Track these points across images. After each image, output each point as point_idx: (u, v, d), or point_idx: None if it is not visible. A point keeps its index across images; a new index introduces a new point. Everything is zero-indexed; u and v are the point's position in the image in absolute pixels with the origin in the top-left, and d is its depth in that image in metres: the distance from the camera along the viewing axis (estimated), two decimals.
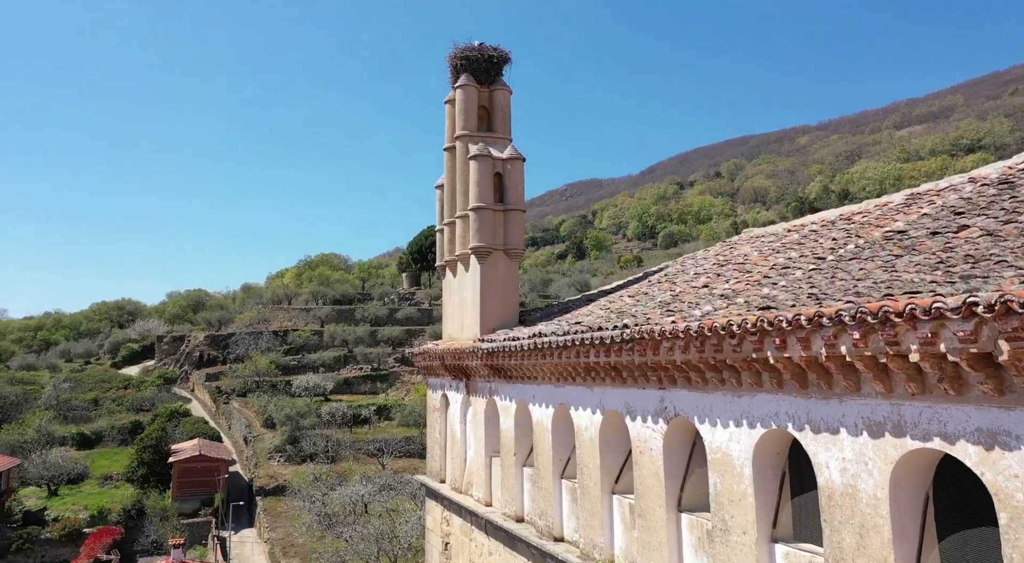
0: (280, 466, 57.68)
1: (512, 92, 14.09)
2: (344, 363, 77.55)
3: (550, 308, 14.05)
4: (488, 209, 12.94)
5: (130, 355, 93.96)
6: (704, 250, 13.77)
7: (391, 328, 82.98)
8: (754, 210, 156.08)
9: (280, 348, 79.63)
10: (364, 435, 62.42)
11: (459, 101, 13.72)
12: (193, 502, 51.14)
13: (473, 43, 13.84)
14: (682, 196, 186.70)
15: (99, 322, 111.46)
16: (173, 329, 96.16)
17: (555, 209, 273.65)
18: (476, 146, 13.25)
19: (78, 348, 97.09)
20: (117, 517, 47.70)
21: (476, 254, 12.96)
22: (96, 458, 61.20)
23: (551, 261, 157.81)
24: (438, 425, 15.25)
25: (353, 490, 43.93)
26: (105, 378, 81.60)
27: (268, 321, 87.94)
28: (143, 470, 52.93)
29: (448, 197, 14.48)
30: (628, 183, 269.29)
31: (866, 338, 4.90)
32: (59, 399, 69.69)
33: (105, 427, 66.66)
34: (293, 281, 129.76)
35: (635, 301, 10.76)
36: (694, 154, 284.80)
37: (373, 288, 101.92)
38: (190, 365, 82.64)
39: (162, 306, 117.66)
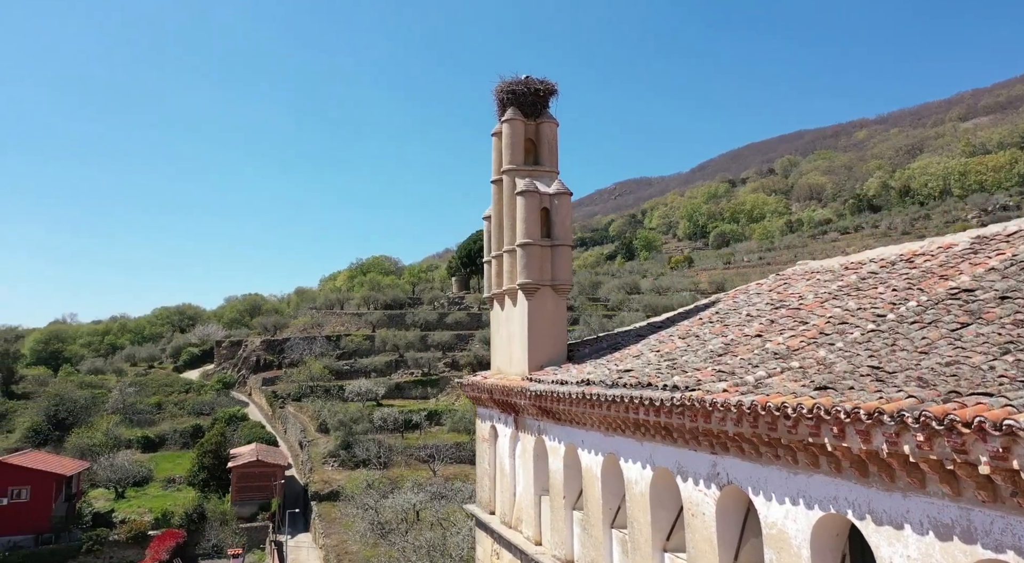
0: (334, 471, 58.76)
1: (558, 124, 14.01)
2: (395, 368, 78.52)
3: (599, 342, 13.90)
4: (535, 245, 12.89)
5: (191, 359, 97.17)
6: (757, 283, 13.44)
7: (441, 333, 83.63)
8: (809, 208, 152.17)
9: (333, 353, 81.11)
10: (415, 440, 63.09)
11: (505, 135, 13.71)
12: (251, 506, 52.51)
13: (519, 77, 13.81)
14: (734, 194, 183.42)
15: (161, 327, 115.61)
16: (231, 334, 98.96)
17: (604, 208, 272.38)
18: (523, 181, 13.21)
19: (142, 352, 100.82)
20: (180, 521, 49.25)
21: (524, 290, 12.92)
22: (160, 461, 63.41)
23: (600, 262, 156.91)
24: (487, 456, 15.26)
25: (405, 498, 44.44)
26: (167, 382, 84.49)
27: (321, 326, 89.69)
28: (203, 474, 54.56)
29: (495, 229, 14.47)
30: (678, 181, 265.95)
31: (931, 441, 4.67)
32: (125, 403, 72.45)
33: (168, 430, 69.02)
34: (345, 284, 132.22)
35: (686, 345, 10.55)
36: (746, 150, 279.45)
37: (423, 292, 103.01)
38: (247, 369, 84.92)
39: (220, 310, 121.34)
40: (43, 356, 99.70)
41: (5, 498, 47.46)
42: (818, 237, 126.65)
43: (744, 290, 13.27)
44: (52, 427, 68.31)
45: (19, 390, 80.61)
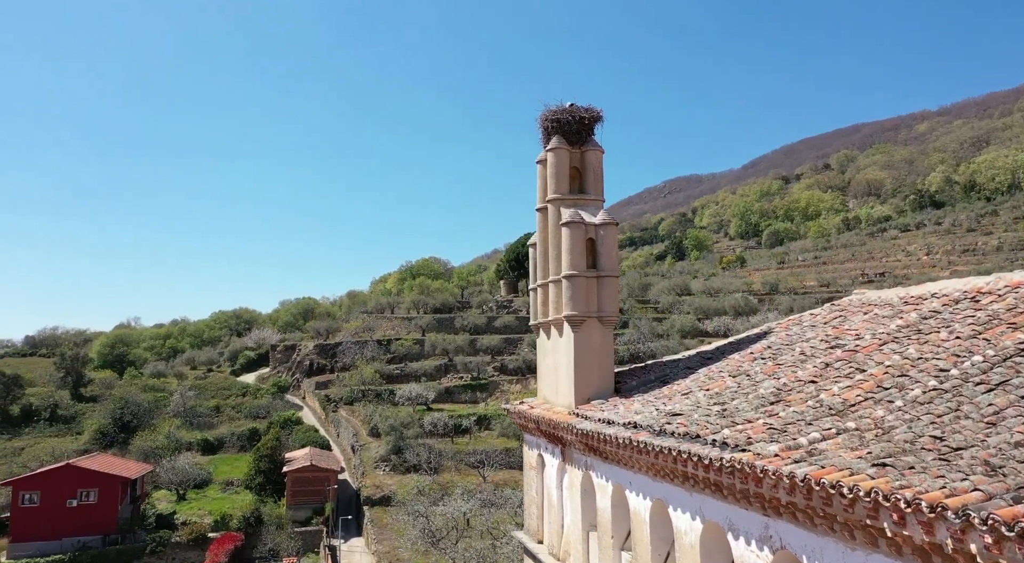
0: (385, 476, 59.53)
1: (604, 151, 13.83)
2: (444, 372, 79.14)
3: (647, 372, 13.66)
4: (581, 277, 12.74)
5: (247, 363, 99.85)
6: (811, 313, 13.01)
7: (490, 337, 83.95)
8: (867, 204, 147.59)
9: (384, 357, 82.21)
10: (465, 445, 63.46)
11: (550, 164, 13.59)
12: (305, 510, 53.63)
13: (564, 104, 13.68)
14: (787, 191, 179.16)
15: (219, 330, 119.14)
16: (285, 338, 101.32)
17: (653, 207, 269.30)
18: (568, 211, 13.07)
19: (201, 356, 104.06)
20: (238, 524, 50.63)
21: (570, 322, 12.79)
22: (219, 464, 65.31)
23: (650, 262, 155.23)
24: (535, 484, 15.17)
25: (455, 506, 44.70)
26: (225, 385, 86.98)
27: (372, 330, 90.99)
28: (260, 478, 55.96)
29: (541, 258, 14.37)
30: (730, 178, 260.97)
31: (1000, 545, 4.39)
32: (185, 406, 74.88)
33: (226, 434, 71.04)
34: (395, 286, 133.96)
35: (736, 385, 10.26)
36: (800, 146, 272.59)
37: (472, 296, 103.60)
38: (301, 373, 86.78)
39: (275, 314, 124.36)
40: (109, 359, 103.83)
41: (75, 500, 49.56)
42: (877, 235, 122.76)
43: (798, 321, 12.87)
44: (118, 429, 71.06)
45: (87, 393, 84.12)
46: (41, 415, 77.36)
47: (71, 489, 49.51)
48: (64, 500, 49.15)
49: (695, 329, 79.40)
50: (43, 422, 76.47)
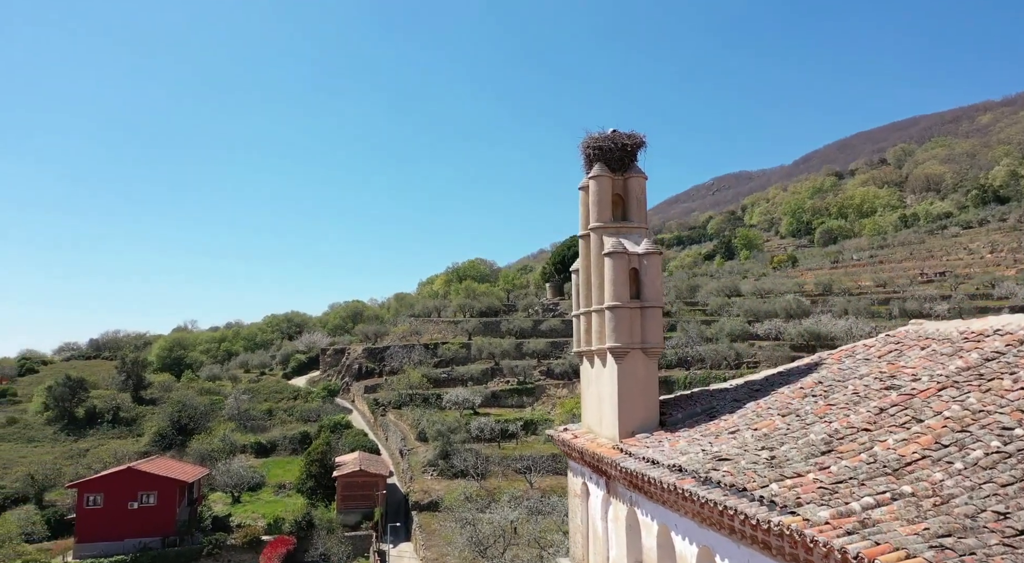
0: (433, 481, 59.99)
1: (647, 178, 13.60)
2: (491, 376, 79.39)
3: (693, 402, 13.37)
4: (624, 307, 12.55)
5: (298, 366, 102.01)
6: (865, 344, 12.54)
7: (536, 340, 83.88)
8: (926, 200, 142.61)
9: (431, 361, 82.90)
10: (511, 450, 63.52)
11: (592, 192, 13.43)
12: (355, 515, 54.42)
13: (606, 131, 13.50)
14: (841, 187, 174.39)
15: (271, 334, 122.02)
16: (335, 341, 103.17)
17: (701, 205, 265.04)
18: (611, 241, 12.89)
19: (254, 360, 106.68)
20: (290, 527, 51.68)
21: (613, 354, 12.61)
22: (271, 467, 66.80)
23: (698, 262, 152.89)
24: (579, 512, 15.02)
25: (503, 514, 44.76)
26: (277, 389, 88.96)
27: (419, 334, 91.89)
28: (311, 483, 57.03)
29: (583, 285, 14.21)
30: (780, 174, 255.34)
31: None
32: (239, 410, 76.82)
33: (278, 437, 72.62)
34: (442, 288, 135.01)
35: (786, 426, 9.94)
36: (855, 140, 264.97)
37: (518, 299, 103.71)
38: (350, 377, 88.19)
39: (325, 317, 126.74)
40: (168, 362, 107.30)
41: (136, 502, 51.29)
42: (936, 232, 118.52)
43: (851, 352, 12.43)
44: (176, 432, 73.35)
45: (147, 395, 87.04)
46: (104, 417, 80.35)
47: (132, 492, 51.23)
48: (126, 502, 50.89)
49: (745, 332, 77.88)
50: (106, 424, 79.43)
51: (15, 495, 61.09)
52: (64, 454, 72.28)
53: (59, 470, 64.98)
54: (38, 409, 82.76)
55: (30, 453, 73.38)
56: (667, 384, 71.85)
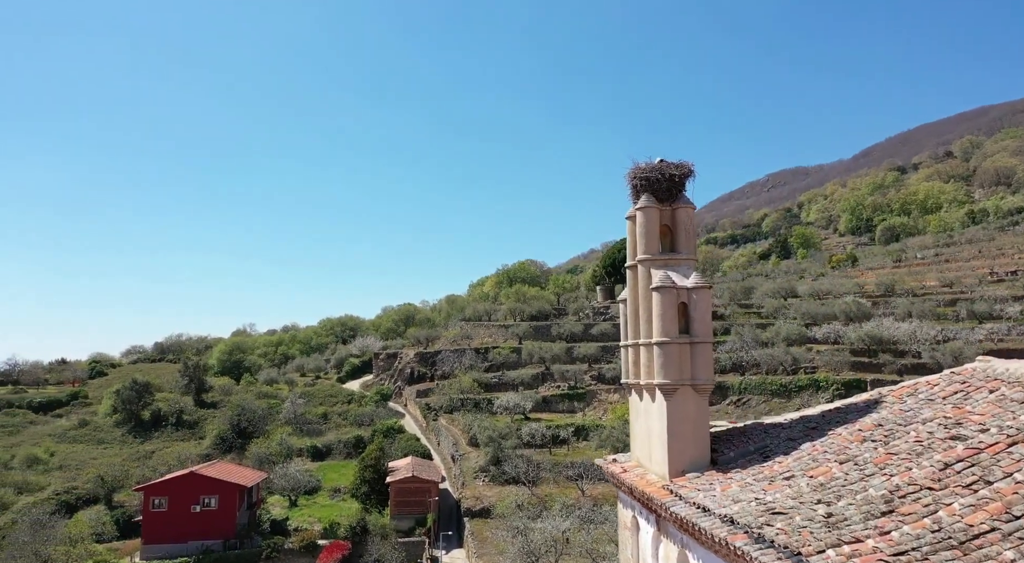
0: (485, 487, 60.14)
1: (695, 208, 13.29)
2: (542, 381, 79.20)
3: (746, 439, 13.00)
4: (673, 344, 12.29)
5: (352, 370, 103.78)
6: (928, 382, 11.97)
7: (587, 344, 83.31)
8: (996, 195, 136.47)
9: (481, 366, 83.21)
10: (563, 457, 63.20)
11: (639, 223, 13.19)
12: (408, 520, 54.98)
13: (653, 161, 13.25)
14: (904, 182, 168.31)
15: (326, 337, 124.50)
16: (387, 345, 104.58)
17: (756, 202, 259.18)
18: (659, 274, 12.64)
19: (310, 363, 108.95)
20: (345, 532, 52.50)
21: (662, 391, 12.37)
22: (327, 471, 68.04)
23: (752, 261, 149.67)
24: (629, 545, 14.80)
25: (554, 524, 44.54)
26: (332, 393, 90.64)
27: (470, 338, 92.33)
28: (365, 488, 57.86)
29: (631, 316, 13.97)
30: (839, 169, 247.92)
31: None
32: (296, 414, 78.53)
33: (333, 441, 73.95)
34: (492, 290, 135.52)
35: (844, 476, 9.54)
36: (918, 132, 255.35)
37: (568, 302, 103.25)
38: (402, 381, 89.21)
39: (377, 320, 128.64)
40: (228, 365, 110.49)
41: (198, 505, 52.90)
42: (1008, 229, 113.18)
43: (912, 391, 11.88)
44: (236, 435, 75.37)
45: (208, 399, 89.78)
46: (168, 420, 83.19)
47: (195, 495, 52.84)
48: (189, 506, 52.54)
49: (802, 336, 75.72)
50: (170, 426, 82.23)
51: (87, 496, 63.66)
52: (131, 456, 75.10)
53: (127, 472, 67.49)
54: (107, 412, 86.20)
55: (100, 455, 76.49)
56: (721, 390, 70.40)
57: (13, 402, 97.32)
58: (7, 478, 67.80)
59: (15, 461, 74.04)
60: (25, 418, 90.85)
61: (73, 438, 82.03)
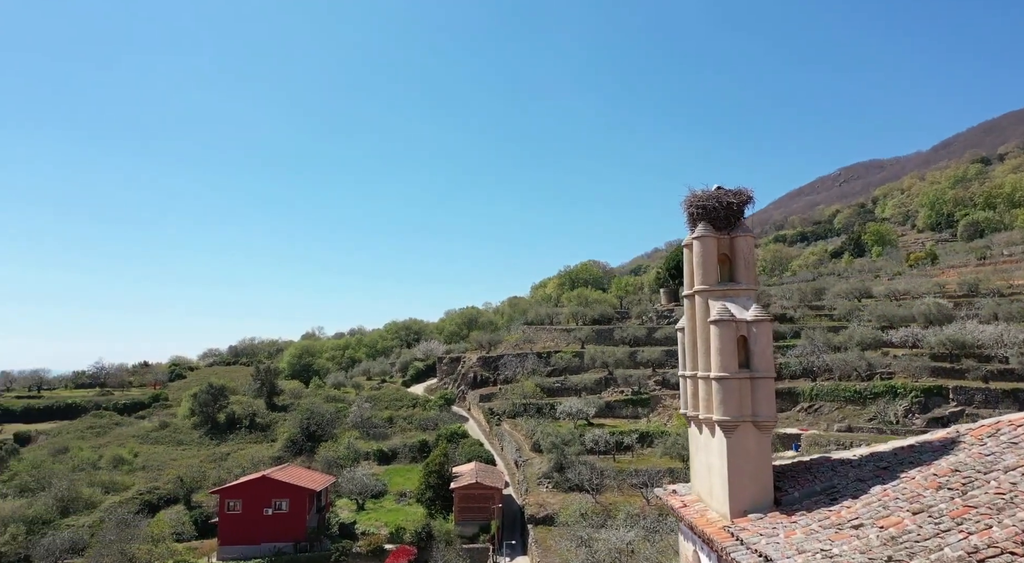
0: (548, 493, 60.00)
1: (755, 236, 12.83)
2: (605, 386, 78.54)
3: (812, 477, 12.45)
4: (733, 379, 11.88)
5: (416, 374, 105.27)
6: (1011, 421, 11.19)
7: (650, 349, 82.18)
8: None
9: (544, 370, 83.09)
10: (627, 464, 62.48)
11: (696, 253, 12.82)
12: (472, 527, 55.34)
13: (710, 188, 12.85)
14: (988, 175, 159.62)
15: (391, 341, 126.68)
16: (451, 349, 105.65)
17: (827, 197, 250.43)
18: (717, 306, 12.24)
19: (375, 367, 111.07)
20: (411, 537, 53.25)
21: (722, 428, 11.98)
22: (393, 475, 69.17)
23: (823, 260, 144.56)
24: None
25: (618, 536, 44.07)
26: (397, 396, 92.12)
27: (532, 342, 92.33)
28: (430, 493, 58.55)
29: (689, 346, 13.60)
30: (917, 162, 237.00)
31: None
32: (362, 417, 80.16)
33: (398, 445, 75.14)
34: (555, 291, 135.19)
35: (916, 529, 9.01)
36: (1003, 121, 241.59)
37: (631, 305, 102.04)
38: (466, 385, 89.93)
39: (441, 324, 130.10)
40: (297, 369, 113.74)
41: (270, 508, 54.58)
42: None
43: (994, 431, 11.15)
44: (305, 438, 77.48)
45: (279, 402, 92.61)
46: (242, 422, 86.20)
47: (267, 498, 54.53)
48: (261, 508, 54.27)
49: (877, 340, 72.65)
50: (244, 429, 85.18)
51: (167, 496, 66.61)
52: (208, 457, 78.14)
53: (204, 473, 70.29)
54: (185, 414, 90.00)
55: (179, 456, 79.93)
56: (791, 395, 68.27)
57: (101, 404, 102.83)
58: (95, 478, 71.57)
59: (103, 461, 78.12)
60: (111, 420, 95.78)
61: (155, 439, 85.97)
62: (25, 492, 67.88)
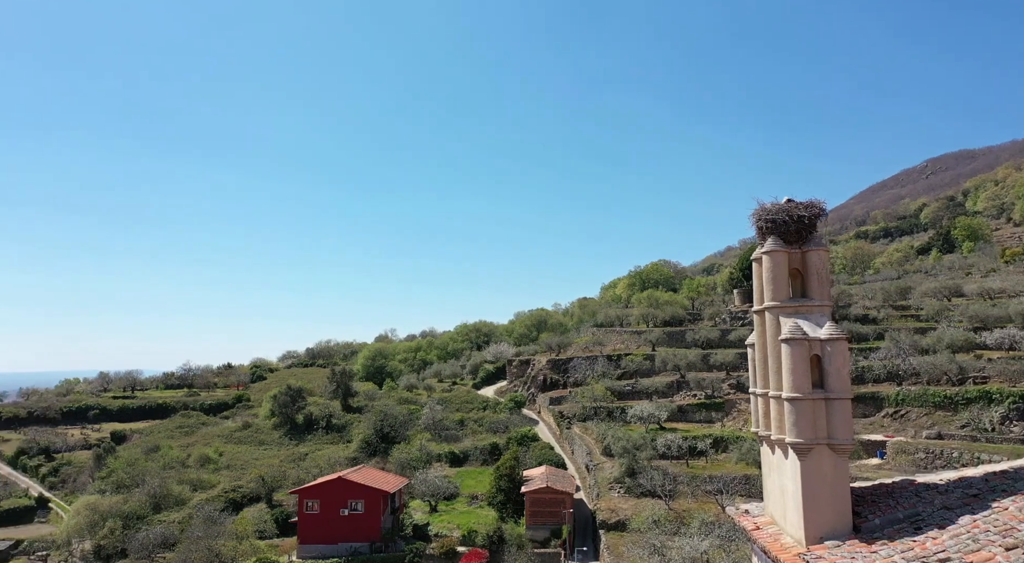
0: (620, 499, 59.33)
1: (828, 250, 12.29)
2: (676, 389, 77.13)
3: (894, 502, 11.83)
4: (806, 400, 11.41)
5: (486, 376, 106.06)
6: None
7: (724, 351, 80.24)
8: None
9: (614, 373, 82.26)
10: (701, 470, 61.17)
11: (765, 268, 12.37)
12: (543, 531, 55.30)
13: (779, 201, 12.39)
14: None
15: (461, 343, 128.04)
16: (520, 351, 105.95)
17: (912, 191, 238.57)
18: (788, 324, 11.79)
19: (447, 369, 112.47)
20: (483, 541, 53.63)
21: (795, 450, 11.53)
22: (464, 477, 69.84)
23: (909, 257, 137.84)
24: None
25: (692, 545, 43.16)
26: (468, 399, 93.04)
27: (602, 344, 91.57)
28: (500, 496, 58.84)
29: (760, 362, 13.15)
30: (1012, 150, 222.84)
31: None
32: (434, 420, 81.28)
33: (470, 447, 75.83)
34: (625, 291, 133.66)
35: None
36: None
37: (703, 307, 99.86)
38: (535, 388, 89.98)
39: (510, 326, 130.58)
40: (371, 371, 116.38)
41: (346, 509, 55.99)
42: None
43: None
44: (379, 439, 79.16)
45: (354, 404, 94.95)
46: (319, 424, 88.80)
47: (343, 499, 55.96)
48: (338, 509, 55.73)
49: (969, 343, 68.65)
50: (320, 430, 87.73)
51: (250, 494, 69.26)
52: (287, 457, 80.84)
53: (283, 472, 72.74)
54: (266, 415, 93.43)
55: (261, 455, 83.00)
56: (875, 400, 65.33)
57: (188, 404, 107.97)
58: (184, 476, 75.17)
59: (190, 460, 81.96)
60: (198, 420, 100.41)
61: (238, 439, 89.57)
62: (121, 488, 71.86)
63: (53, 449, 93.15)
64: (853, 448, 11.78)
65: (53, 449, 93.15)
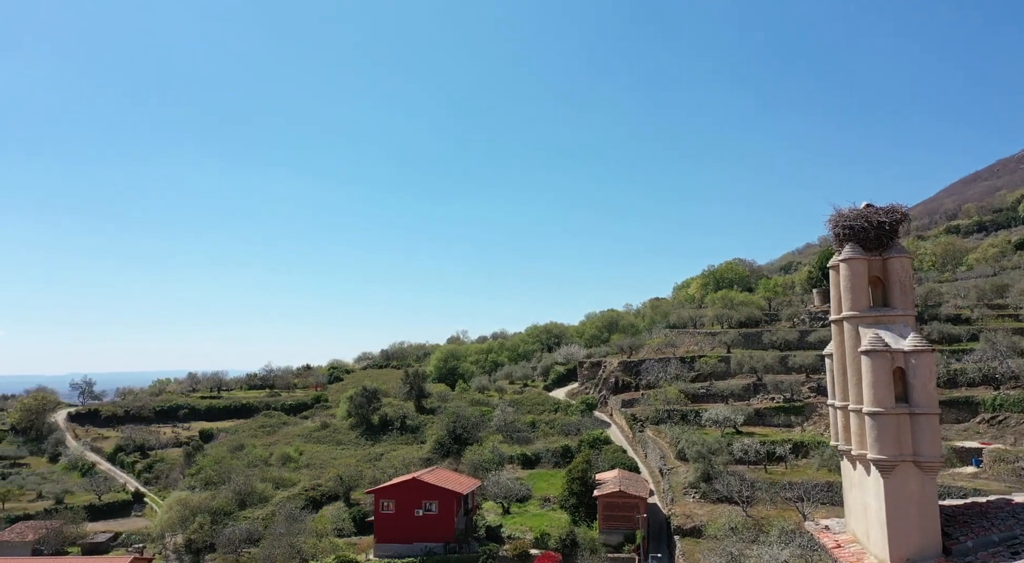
0: (695, 504, 58.19)
1: (911, 257, 11.72)
2: (753, 392, 75.03)
3: (988, 523, 11.19)
4: (888, 414, 10.93)
5: (557, 378, 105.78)
6: None
7: (803, 353, 77.53)
8: None
9: (687, 375, 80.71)
10: (780, 476, 59.33)
11: (843, 276, 11.93)
12: (616, 535, 54.74)
13: (857, 206, 11.90)
14: None
15: (532, 344, 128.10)
16: (591, 353, 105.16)
17: (1009, 182, 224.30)
18: (869, 334, 11.31)
19: (518, 371, 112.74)
20: (555, 544, 53.52)
21: (877, 467, 11.05)
22: (536, 479, 69.90)
23: (1006, 253, 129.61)
24: None
25: (772, 553, 41.89)
26: (539, 401, 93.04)
27: (675, 346, 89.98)
28: (573, 500, 58.61)
29: (838, 373, 12.67)
30: None
31: None
32: (506, 421, 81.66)
33: (541, 450, 75.83)
34: (698, 291, 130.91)
35: None
36: None
37: (781, 307, 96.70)
38: (607, 390, 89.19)
39: (581, 327, 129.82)
40: (443, 372, 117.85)
41: (420, 510, 56.92)
42: None
43: None
44: (452, 441, 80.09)
45: (427, 405, 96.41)
46: (393, 424, 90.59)
47: (417, 500, 56.91)
48: (413, 509, 56.71)
49: None
50: (395, 431, 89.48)
51: (329, 493, 71.29)
52: (364, 457, 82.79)
53: (360, 472, 74.51)
54: (343, 415, 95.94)
55: (339, 455, 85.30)
56: (970, 405, 61.83)
57: (270, 404, 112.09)
58: (267, 474, 78.02)
59: (273, 458, 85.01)
60: (279, 419, 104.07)
61: (317, 439, 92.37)
62: (209, 485, 75.19)
63: (147, 446, 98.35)
64: (941, 465, 11.20)
65: (147, 446, 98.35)
